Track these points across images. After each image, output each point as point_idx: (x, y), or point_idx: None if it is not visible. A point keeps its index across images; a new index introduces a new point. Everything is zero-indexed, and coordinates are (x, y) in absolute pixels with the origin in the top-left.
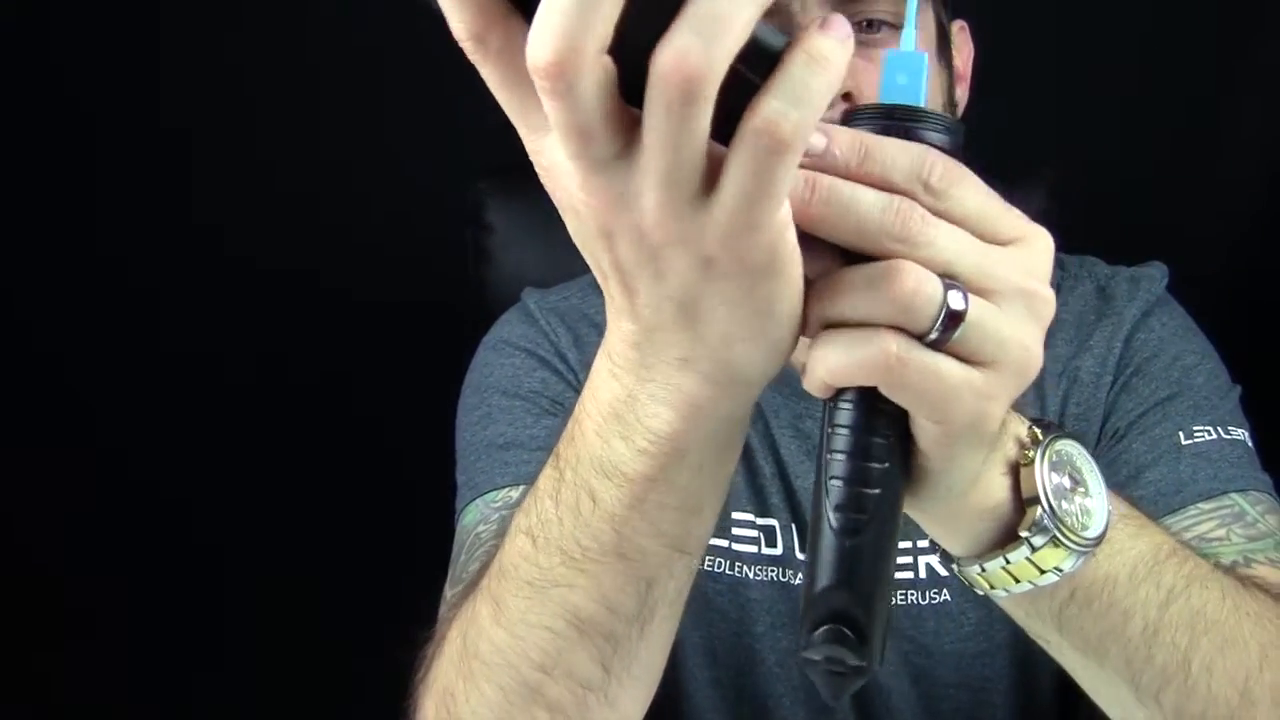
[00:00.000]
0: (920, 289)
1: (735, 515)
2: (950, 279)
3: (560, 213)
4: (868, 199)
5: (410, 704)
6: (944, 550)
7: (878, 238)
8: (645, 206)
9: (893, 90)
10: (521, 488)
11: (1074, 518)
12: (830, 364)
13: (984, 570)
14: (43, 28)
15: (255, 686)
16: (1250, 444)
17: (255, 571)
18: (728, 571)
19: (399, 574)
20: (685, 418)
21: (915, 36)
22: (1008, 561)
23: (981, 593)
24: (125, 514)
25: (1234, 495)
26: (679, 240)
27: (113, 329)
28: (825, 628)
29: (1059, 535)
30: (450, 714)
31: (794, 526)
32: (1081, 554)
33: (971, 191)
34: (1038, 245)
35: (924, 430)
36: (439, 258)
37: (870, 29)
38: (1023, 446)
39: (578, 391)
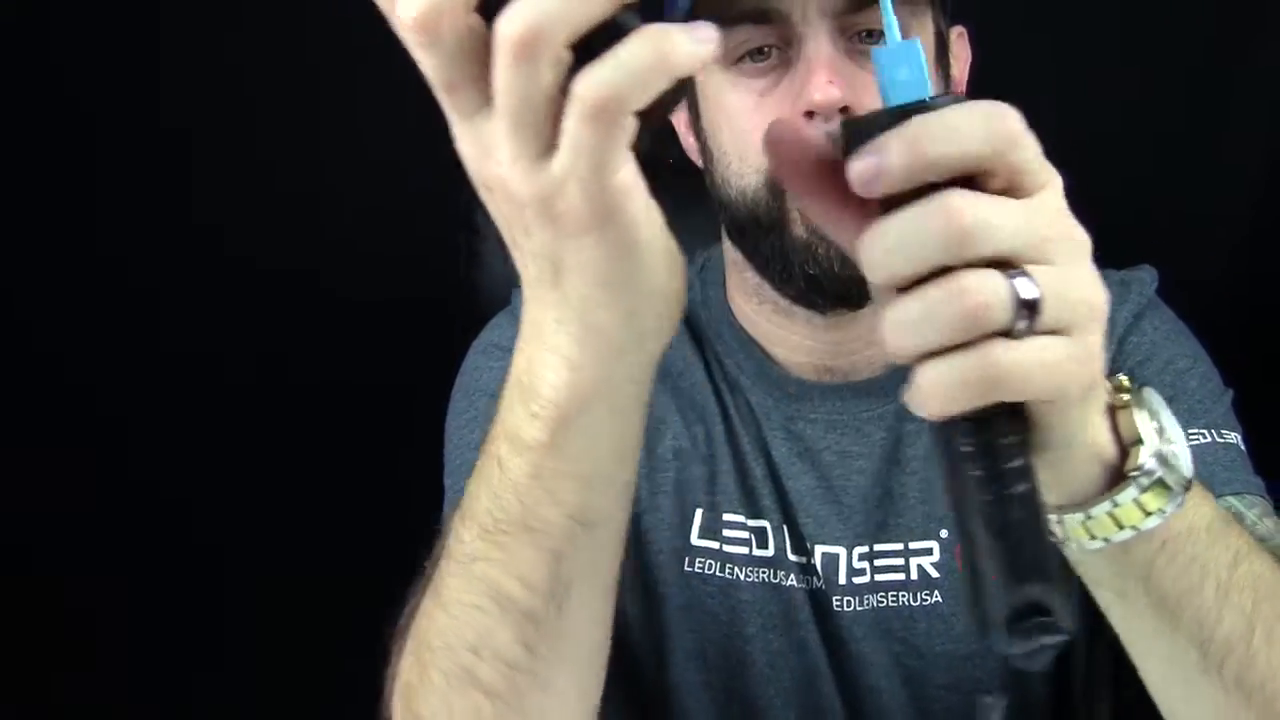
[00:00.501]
0: (988, 300)
1: (726, 517)
2: (1014, 266)
3: None
4: (909, 233)
5: (385, 702)
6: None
7: (938, 263)
8: (502, 159)
9: (896, 89)
10: None
11: (1172, 459)
12: (938, 396)
13: (1090, 517)
14: (43, 27)
15: (255, 686)
16: (1243, 447)
17: (255, 571)
18: (718, 574)
19: (396, 573)
20: (567, 383)
21: (896, 25)
22: (1115, 505)
23: (1077, 547)
24: (125, 514)
25: (1230, 499)
26: (532, 196)
27: (113, 329)
28: (1023, 625)
29: (1164, 475)
30: (410, 709)
31: (785, 528)
32: (1180, 496)
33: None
34: (1056, 179)
35: (1042, 410)
36: (438, 258)
37: (870, 39)
38: (1116, 390)
39: None
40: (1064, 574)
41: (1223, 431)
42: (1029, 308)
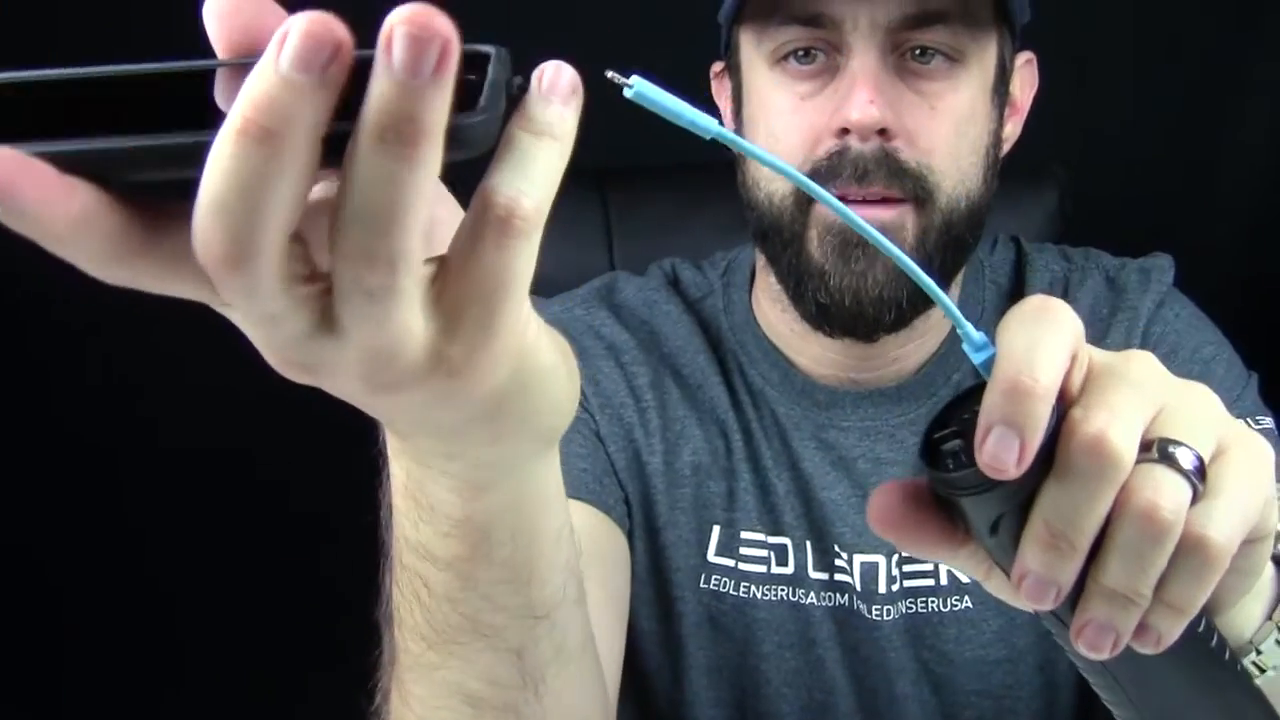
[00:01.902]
0: (1166, 496)
1: (745, 535)
2: (1152, 445)
3: None
4: (1071, 500)
5: None
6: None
7: (1108, 503)
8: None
9: None
10: None
11: None
12: (1178, 615)
13: None
14: (47, 27)
15: (254, 689)
16: (1276, 432)
17: (254, 574)
18: (732, 592)
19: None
20: (471, 500)
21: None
22: None
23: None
24: (124, 516)
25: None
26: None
27: (110, 332)
28: None
29: None
30: None
31: (809, 544)
32: None
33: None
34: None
35: (1251, 551)
36: None
37: (923, 57)
38: None
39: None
40: None
41: (1257, 417)
42: (1200, 465)
